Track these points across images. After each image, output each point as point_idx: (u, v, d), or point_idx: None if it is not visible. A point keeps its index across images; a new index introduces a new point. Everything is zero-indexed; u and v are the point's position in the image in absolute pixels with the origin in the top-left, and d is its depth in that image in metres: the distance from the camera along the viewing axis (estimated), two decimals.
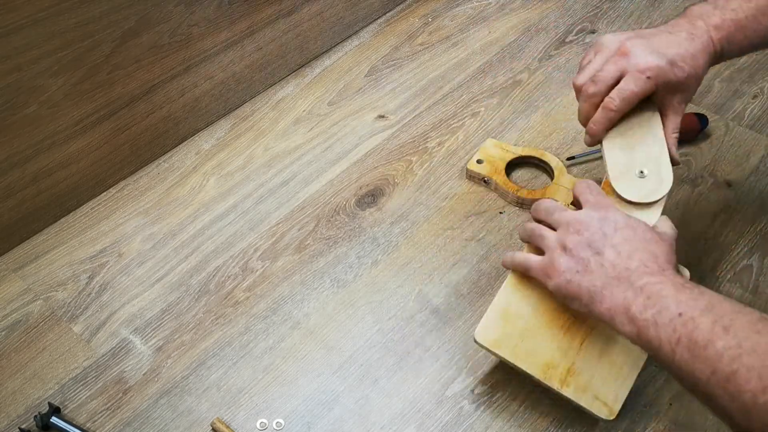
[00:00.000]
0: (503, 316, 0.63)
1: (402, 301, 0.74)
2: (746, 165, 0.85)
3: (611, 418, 0.60)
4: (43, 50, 0.72)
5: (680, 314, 0.50)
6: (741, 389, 0.44)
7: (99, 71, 0.78)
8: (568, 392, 0.60)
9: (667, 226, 0.62)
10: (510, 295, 0.64)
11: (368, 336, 0.71)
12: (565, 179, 0.82)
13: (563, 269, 0.57)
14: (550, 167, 0.84)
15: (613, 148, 0.66)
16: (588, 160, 0.86)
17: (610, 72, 0.63)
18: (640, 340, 0.52)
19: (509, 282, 0.64)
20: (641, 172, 0.65)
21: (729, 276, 0.74)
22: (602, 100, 0.64)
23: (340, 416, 0.66)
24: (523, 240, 0.65)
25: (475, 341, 0.62)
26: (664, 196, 0.64)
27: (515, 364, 0.61)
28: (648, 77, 0.62)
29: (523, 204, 0.81)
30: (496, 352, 0.62)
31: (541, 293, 0.63)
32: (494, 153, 0.85)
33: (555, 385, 0.60)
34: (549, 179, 0.84)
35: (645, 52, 0.63)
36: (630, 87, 0.63)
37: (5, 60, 0.70)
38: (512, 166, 0.86)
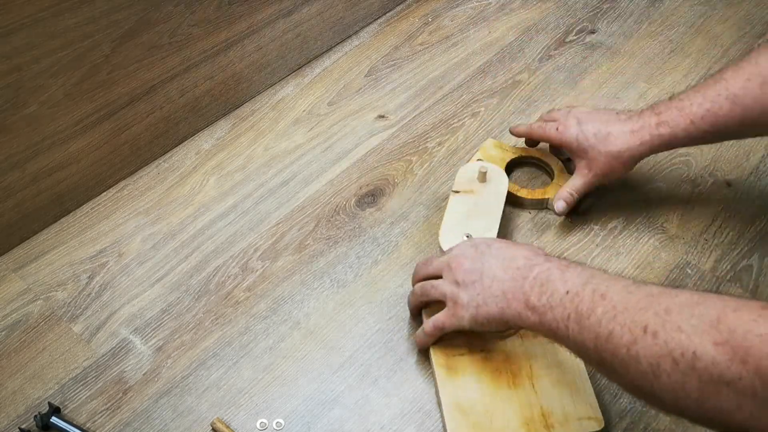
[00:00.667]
0: (461, 412, 0.63)
1: (402, 301, 0.74)
2: (746, 165, 0.85)
3: (602, 425, 0.61)
4: (43, 50, 0.72)
5: (567, 292, 0.54)
6: (618, 345, 0.47)
7: (99, 71, 0.78)
8: (575, 429, 0.61)
9: None
10: (450, 389, 0.64)
11: (368, 336, 0.71)
12: (564, 179, 0.82)
13: (467, 301, 0.61)
14: (550, 167, 0.84)
15: (456, 204, 0.76)
16: None
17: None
18: (543, 327, 0.55)
19: (440, 378, 0.65)
20: (467, 235, 0.73)
21: (729, 276, 0.74)
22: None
23: (340, 416, 0.66)
24: (417, 305, 0.69)
25: None
26: None
27: None
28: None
29: (523, 205, 0.81)
30: None
31: (469, 367, 0.65)
32: (494, 153, 0.85)
33: None
34: (549, 179, 0.84)
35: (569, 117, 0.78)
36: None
37: (5, 60, 0.70)
38: (512, 166, 0.86)
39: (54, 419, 0.65)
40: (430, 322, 0.65)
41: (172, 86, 0.87)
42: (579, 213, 0.80)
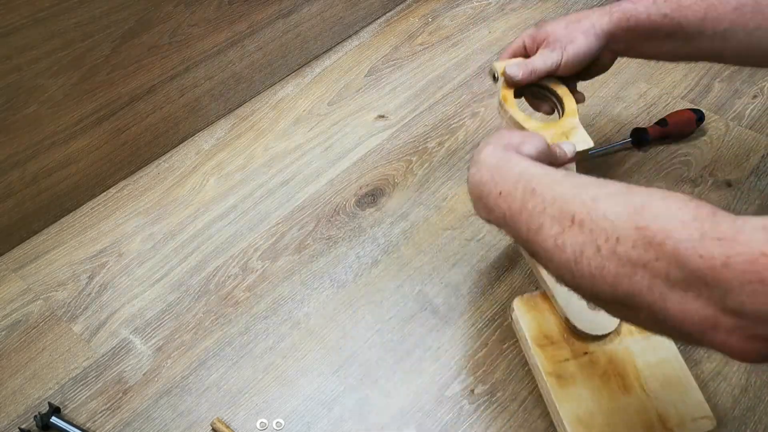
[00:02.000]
0: (583, 426, 0.60)
1: (402, 301, 0.74)
2: (746, 165, 0.85)
3: (715, 424, 0.61)
4: (43, 50, 0.72)
5: (500, 193, 0.54)
6: (545, 237, 0.49)
7: (99, 71, 0.78)
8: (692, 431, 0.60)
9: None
10: (567, 403, 0.62)
11: (368, 336, 0.71)
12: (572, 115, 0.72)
13: (469, 174, 0.60)
14: (560, 101, 0.73)
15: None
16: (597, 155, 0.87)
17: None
18: (506, 227, 0.56)
19: (554, 390, 0.62)
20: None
21: None
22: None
23: (340, 416, 0.66)
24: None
25: None
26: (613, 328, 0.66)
27: None
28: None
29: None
30: None
31: (578, 374, 0.63)
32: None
33: None
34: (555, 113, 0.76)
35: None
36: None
37: (5, 60, 0.70)
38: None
39: (54, 419, 0.65)
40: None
41: (172, 86, 0.87)
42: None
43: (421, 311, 0.73)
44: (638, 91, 0.95)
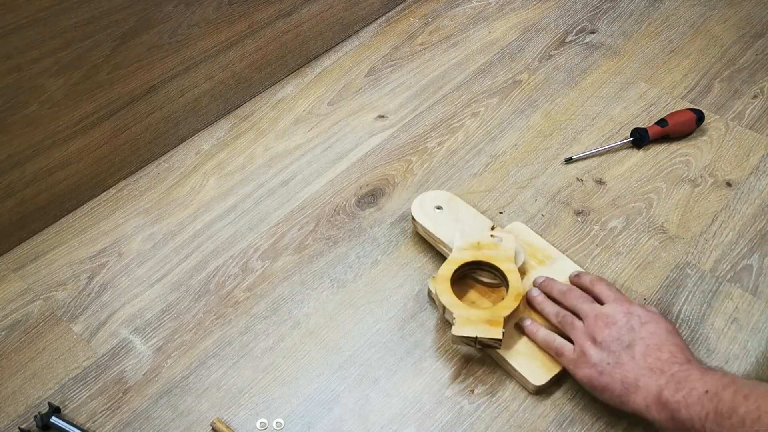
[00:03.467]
0: (527, 357, 0.66)
1: (402, 301, 0.74)
2: (746, 165, 0.85)
3: None
4: (43, 50, 0.72)
5: (706, 392, 0.53)
6: None
7: (99, 71, 0.78)
8: None
9: None
10: (507, 350, 0.67)
11: (368, 336, 0.71)
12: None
13: (595, 361, 0.61)
14: (507, 282, 0.70)
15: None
16: (586, 158, 0.86)
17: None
18: (673, 422, 0.55)
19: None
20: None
21: (729, 276, 0.74)
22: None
23: (340, 416, 0.66)
24: (551, 319, 0.68)
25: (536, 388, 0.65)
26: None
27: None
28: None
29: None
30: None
31: (509, 327, 0.68)
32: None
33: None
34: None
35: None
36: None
37: (5, 60, 0.70)
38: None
39: (54, 419, 0.65)
40: (557, 340, 0.65)
41: (172, 86, 0.87)
42: None
43: (421, 311, 0.73)
44: (638, 91, 0.95)
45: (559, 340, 0.65)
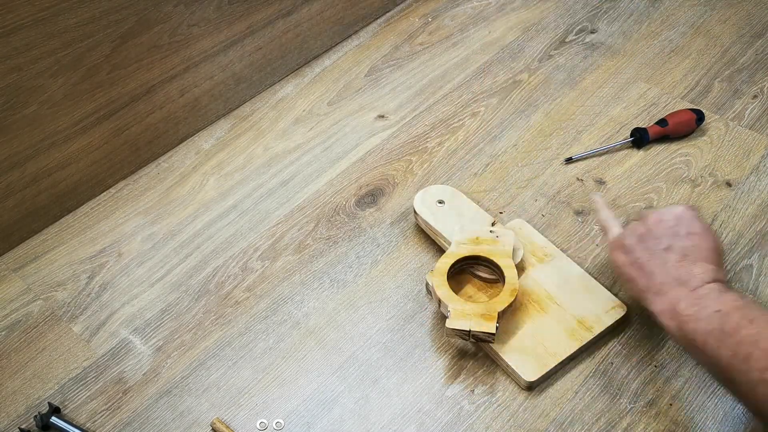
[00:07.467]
0: (519, 352, 0.67)
1: (402, 301, 0.74)
2: (746, 165, 0.85)
3: (626, 308, 0.69)
4: (43, 50, 0.72)
5: (718, 310, 0.54)
6: (751, 368, 0.50)
7: (99, 71, 0.78)
8: (608, 320, 0.68)
9: None
10: (499, 344, 0.67)
11: (368, 336, 0.71)
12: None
13: (629, 251, 0.63)
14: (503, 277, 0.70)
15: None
16: (586, 158, 0.86)
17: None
18: (679, 332, 0.56)
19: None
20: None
21: (729, 276, 0.74)
22: None
23: (340, 416, 0.66)
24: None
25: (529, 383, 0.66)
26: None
27: (564, 359, 0.67)
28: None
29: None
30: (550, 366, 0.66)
31: (503, 319, 0.67)
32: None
33: (595, 333, 0.68)
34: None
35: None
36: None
37: (5, 60, 0.70)
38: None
39: (54, 419, 0.65)
40: (611, 218, 0.68)
41: (172, 86, 0.87)
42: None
43: (421, 311, 0.73)
44: (638, 91, 0.95)
45: (612, 221, 0.68)
